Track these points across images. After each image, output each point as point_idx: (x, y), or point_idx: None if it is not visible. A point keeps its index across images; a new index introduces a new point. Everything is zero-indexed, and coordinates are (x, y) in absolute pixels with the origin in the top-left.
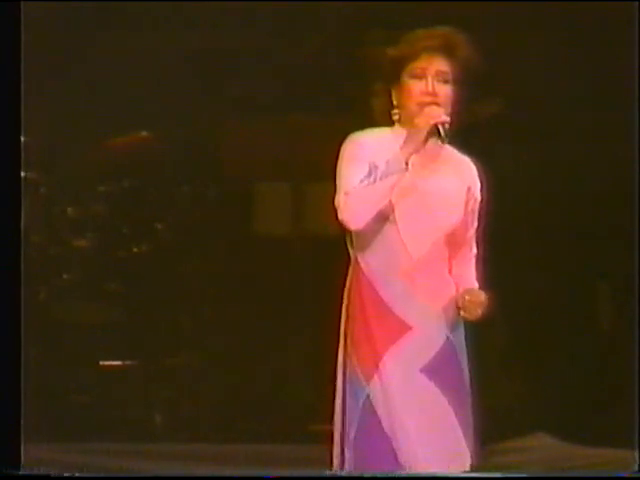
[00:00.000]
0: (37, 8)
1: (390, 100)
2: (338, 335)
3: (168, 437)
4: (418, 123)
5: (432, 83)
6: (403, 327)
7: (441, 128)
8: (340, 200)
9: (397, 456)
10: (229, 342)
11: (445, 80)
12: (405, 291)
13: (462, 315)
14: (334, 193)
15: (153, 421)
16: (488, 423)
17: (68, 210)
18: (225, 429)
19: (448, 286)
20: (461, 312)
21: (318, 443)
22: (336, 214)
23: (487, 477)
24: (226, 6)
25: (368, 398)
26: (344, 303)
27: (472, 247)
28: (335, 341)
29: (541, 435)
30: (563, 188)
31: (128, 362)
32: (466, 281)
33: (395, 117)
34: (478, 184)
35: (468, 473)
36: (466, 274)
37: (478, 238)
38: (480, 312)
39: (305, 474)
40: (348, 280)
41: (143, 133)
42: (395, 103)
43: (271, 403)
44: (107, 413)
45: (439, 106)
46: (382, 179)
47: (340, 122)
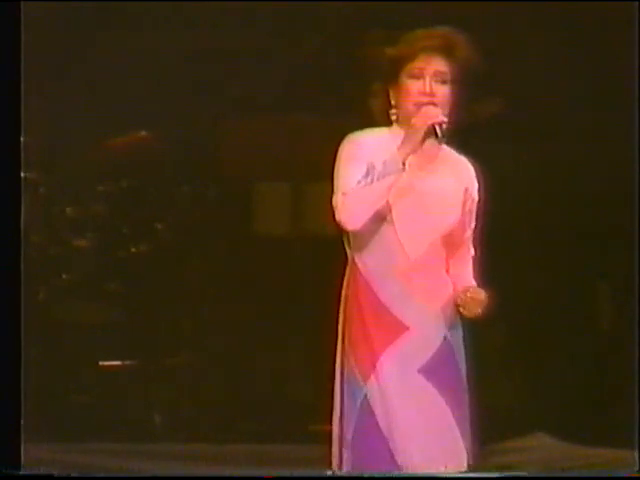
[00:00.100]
0: (37, 8)
1: (388, 100)
2: (336, 335)
3: (168, 437)
4: (415, 123)
5: (430, 83)
6: (400, 327)
7: (438, 128)
8: (338, 200)
9: (394, 456)
10: (229, 342)
11: (443, 80)
12: (402, 291)
13: (462, 312)
14: (332, 193)
15: (153, 421)
16: (488, 423)
17: (68, 210)
18: (225, 429)
19: (446, 286)
20: (460, 309)
21: (318, 443)
22: (334, 214)
23: (487, 477)
24: (226, 6)
25: (365, 398)
26: (341, 303)
27: (470, 247)
28: (335, 341)
29: (541, 435)
30: (563, 188)
31: (128, 362)
32: (464, 281)
33: (393, 117)
34: (476, 184)
35: (467, 473)
36: (464, 274)
37: (476, 238)
38: (479, 310)
39: (305, 474)
40: (345, 280)
41: (143, 133)
42: (393, 103)
43: (271, 403)
44: (107, 413)
45: (436, 106)
46: (379, 179)
47: (340, 122)
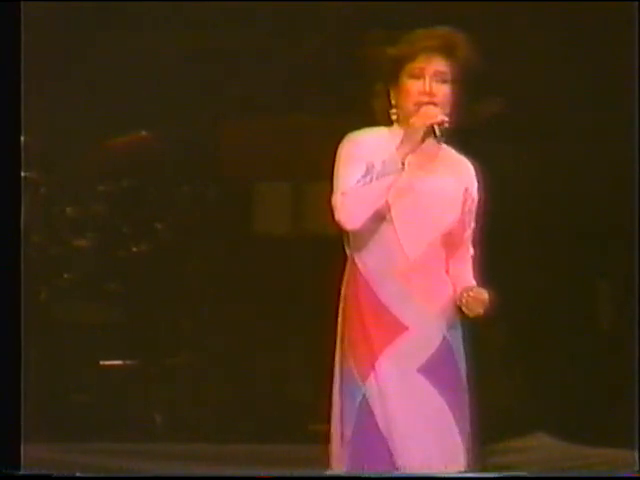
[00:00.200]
0: (37, 8)
1: (389, 100)
2: (336, 335)
3: (168, 437)
4: (414, 123)
5: (430, 83)
6: (399, 327)
7: (437, 128)
8: (337, 200)
9: (393, 456)
10: (229, 342)
11: (443, 80)
12: (402, 291)
13: (464, 312)
14: (331, 193)
15: (153, 421)
16: (488, 423)
17: (68, 210)
18: (225, 429)
19: (445, 286)
20: (463, 309)
21: (318, 443)
22: (333, 214)
23: (486, 477)
24: (226, 6)
25: (364, 398)
26: (341, 303)
27: (469, 247)
28: (334, 341)
29: (541, 435)
30: (563, 188)
31: (128, 362)
32: (463, 281)
33: (393, 117)
34: (475, 184)
35: (467, 473)
36: (463, 274)
37: (476, 238)
38: (481, 310)
39: (305, 474)
40: (345, 280)
41: (143, 133)
42: (393, 103)
43: (271, 403)
44: (107, 413)
45: (436, 106)
46: (378, 179)
47: (340, 122)
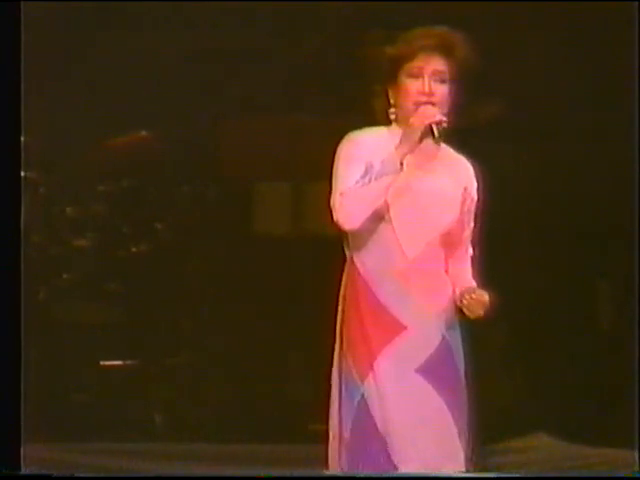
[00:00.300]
0: (37, 8)
1: (388, 99)
2: (335, 335)
3: (168, 437)
4: (413, 123)
5: (429, 82)
6: (398, 327)
7: (435, 128)
8: (335, 200)
9: (391, 456)
10: (229, 342)
11: (442, 80)
12: (400, 291)
13: (465, 313)
14: (330, 193)
15: (153, 421)
16: (488, 423)
17: (68, 210)
18: (225, 429)
19: (444, 286)
20: (464, 310)
21: (318, 443)
22: (331, 214)
23: (487, 477)
24: (226, 6)
25: (363, 398)
26: (340, 303)
27: (468, 247)
28: (334, 341)
29: (541, 435)
30: (563, 188)
31: (128, 362)
32: (463, 281)
33: (392, 116)
34: (474, 184)
35: (467, 473)
36: (463, 274)
37: (475, 238)
38: (482, 311)
39: (305, 474)
40: (344, 280)
41: (143, 133)
42: (392, 102)
43: (271, 403)
44: (107, 413)
45: (435, 106)
46: (377, 179)
47: (340, 122)
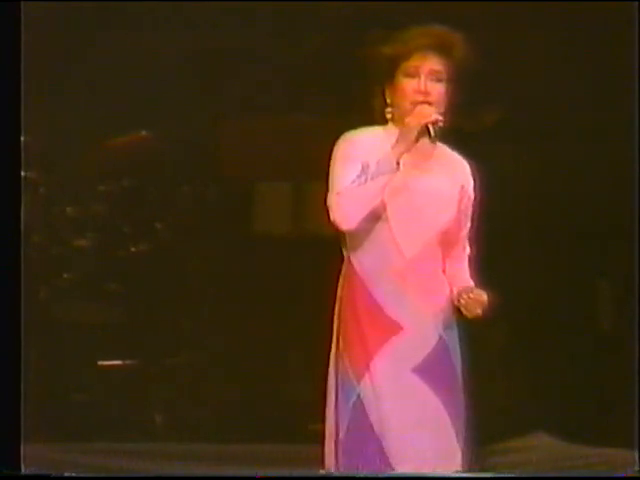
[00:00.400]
0: (37, 8)
1: (384, 99)
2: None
3: (168, 437)
4: (409, 122)
5: (425, 82)
6: (395, 327)
7: (431, 127)
8: (332, 200)
9: (387, 456)
10: (229, 342)
11: (438, 79)
12: (397, 291)
13: (463, 312)
14: (327, 193)
15: (153, 421)
16: (488, 423)
17: (68, 210)
18: (225, 429)
19: (441, 285)
20: (462, 309)
21: (317, 443)
22: (328, 214)
23: (487, 477)
24: (226, 6)
25: (359, 398)
26: (337, 303)
27: (466, 246)
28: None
29: (541, 435)
30: (563, 188)
31: (128, 362)
32: (460, 280)
33: (388, 116)
34: (472, 183)
35: (465, 473)
36: (460, 273)
37: (474, 237)
38: (480, 311)
39: (304, 474)
40: (341, 280)
41: (143, 133)
42: (389, 102)
43: (271, 403)
44: (107, 413)
45: (431, 105)
46: (373, 179)
47: (340, 122)
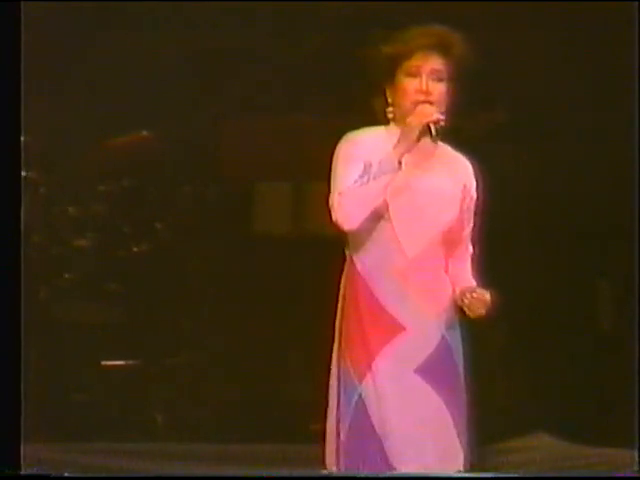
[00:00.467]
0: (37, 8)
1: (386, 98)
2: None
3: (168, 437)
4: (410, 122)
5: (426, 81)
6: (397, 327)
7: (432, 127)
8: (334, 200)
9: (388, 456)
10: (229, 342)
11: (440, 78)
12: (400, 291)
13: (466, 312)
14: (329, 193)
15: (153, 421)
16: (488, 423)
17: (68, 210)
18: (225, 429)
19: (444, 285)
20: (465, 309)
21: (318, 443)
22: (330, 215)
23: (486, 477)
24: (226, 6)
25: (360, 398)
26: (339, 303)
27: (468, 245)
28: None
29: (541, 435)
30: (563, 188)
31: (128, 362)
32: (463, 280)
33: (390, 115)
34: (474, 182)
35: (466, 473)
36: (462, 273)
37: (475, 237)
38: (483, 310)
39: (305, 474)
40: (343, 280)
41: (143, 133)
42: (390, 101)
43: (271, 403)
44: (107, 413)
45: (432, 104)
46: (375, 179)
47: (340, 122)
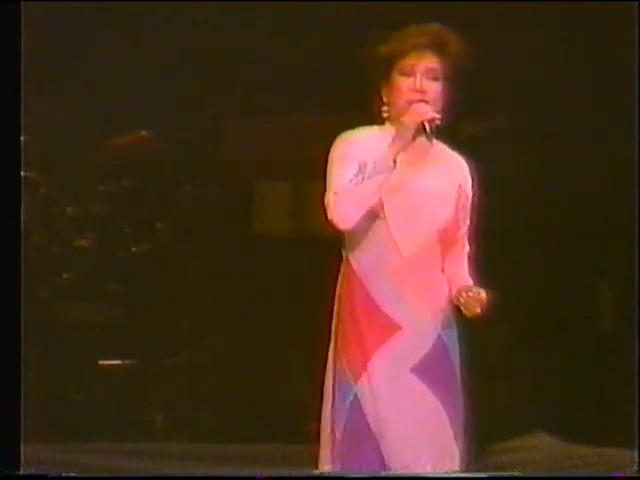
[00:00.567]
0: (37, 8)
1: (381, 97)
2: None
3: (168, 437)
4: (405, 121)
5: (421, 80)
6: (393, 327)
7: (427, 126)
8: (329, 200)
9: (383, 456)
10: (229, 342)
11: (435, 77)
12: (395, 290)
13: (462, 311)
14: (325, 193)
15: (153, 421)
16: (488, 423)
17: (68, 210)
18: (225, 429)
19: (440, 285)
20: (461, 308)
21: (318, 443)
22: (326, 214)
23: (486, 477)
24: (226, 6)
25: (356, 398)
26: (335, 303)
27: (464, 245)
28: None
29: (541, 435)
30: (563, 188)
31: (128, 362)
32: (459, 279)
33: (385, 114)
34: (469, 181)
35: (464, 473)
36: (459, 272)
37: (471, 235)
38: (479, 309)
39: (305, 474)
40: (339, 279)
41: (143, 133)
42: (385, 100)
43: (271, 403)
44: (107, 413)
45: (427, 103)
46: (370, 178)
47: (340, 122)
